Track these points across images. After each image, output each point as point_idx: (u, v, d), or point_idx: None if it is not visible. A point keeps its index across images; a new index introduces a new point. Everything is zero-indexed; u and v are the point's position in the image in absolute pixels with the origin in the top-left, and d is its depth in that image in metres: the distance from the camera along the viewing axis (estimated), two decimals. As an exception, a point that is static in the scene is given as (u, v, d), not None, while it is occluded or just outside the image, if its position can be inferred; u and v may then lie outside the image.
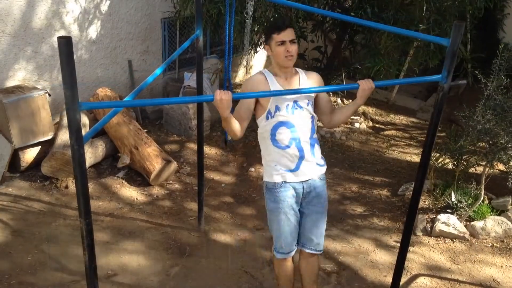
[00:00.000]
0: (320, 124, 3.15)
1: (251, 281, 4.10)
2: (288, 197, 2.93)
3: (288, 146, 2.85)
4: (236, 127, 2.69)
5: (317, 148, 2.96)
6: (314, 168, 2.93)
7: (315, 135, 2.95)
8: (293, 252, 3.20)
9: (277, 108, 2.83)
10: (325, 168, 3.03)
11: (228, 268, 4.26)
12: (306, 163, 2.89)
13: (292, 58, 2.81)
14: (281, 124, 2.83)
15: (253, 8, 4.18)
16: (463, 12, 6.03)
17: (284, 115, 2.83)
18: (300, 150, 2.86)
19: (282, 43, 2.77)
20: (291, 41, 2.79)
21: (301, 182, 2.92)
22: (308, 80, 2.96)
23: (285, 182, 2.90)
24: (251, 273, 4.19)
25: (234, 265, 4.30)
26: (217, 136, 6.73)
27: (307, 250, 3.19)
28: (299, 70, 3.02)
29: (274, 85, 2.86)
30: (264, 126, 2.87)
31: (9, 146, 5.27)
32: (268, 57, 8.94)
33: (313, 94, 2.94)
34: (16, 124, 5.21)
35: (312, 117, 2.92)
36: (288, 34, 2.78)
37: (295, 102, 2.85)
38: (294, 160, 2.87)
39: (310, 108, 2.92)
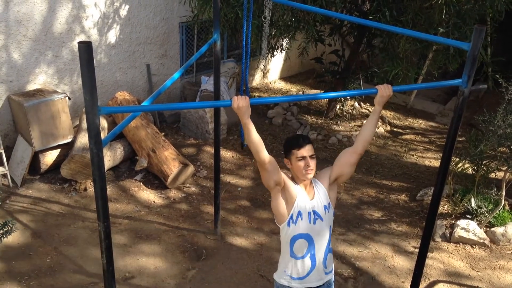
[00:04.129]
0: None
1: (267, 285, 4.09)
2: None
3: (303, 257, 2.89)
4: (257, 136, 2.64)
5: (329, 258, 2.99)
6: (321, 277, 2.98)
7: (330, 245, 2.99)
8: None
9: (299, 215, 2.83)
10: (332, 274, 3.07)
11: (244, 272, 4.26)
12: (315, 272, 2.93)
13: (312, 172, 2.83)
14: (301, 236, 2.85)
15: (270, 12, 4.18)
16: (483, 15, 5.93)
17: (305, 226, 2.82)
18: (313, 261, 2.90)
19: (303, 158, 2.80)
20: (311, 157, 2.82)
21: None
22: (320, 182, 2.95)
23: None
24: (267, 277, 4.18)
25: (251, 269, 4.30)
26: (234, 139, 6.75)
27: None
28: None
29: (298, 188, 2.87)
30: (285, 234, 2.90)
31: (29, 148, 5.35)
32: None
33: (327, 196, 2.91)
34: (37, 127, 5.29)
35: (330, 227, 2.93)
36: (307, 150, 2.81)
37: (315, 212, 2.86)
38: (305, 270, 2.91)
39: (329, 215, 2.90)
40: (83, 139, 5.35)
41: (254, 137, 2.60)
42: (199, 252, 4.51)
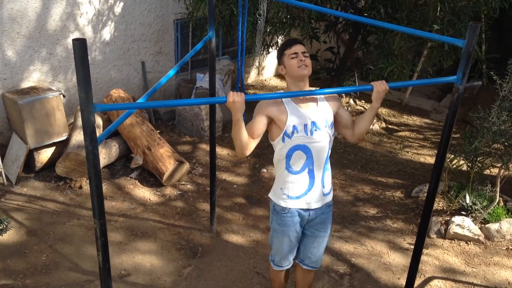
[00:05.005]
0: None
1: (263, 282, 4.10)
2: (294, 222, 2.91)
3: (299, 172, 2.79)
4: (245, 136, 2.61)
5: (327, 176, 2.88)
6: (320, 198, 2.88)
7: (328, 163, 2.89)
8: (289, 266, 3.22)
9: (295, 129, 2.73)
10: (331, 196, 2.98)
11: (240, 269, 4.27)
12: (313, 191, 2.84)
13: (307, 68, 2.71)
14: (298, 147, 2.73)
15: (265, 9, 4.17)
16: (477, 12, 5.96)
17: (302, 137, 2.72)
18: (312, 177, 2.80)
19: (295, 54, 2.73)
20: (303, 53, 2.75)
21: (308, 209, 2.89)
22: (327, 102, 2.87)
23: (291, 208, 2.87)
24: (263, 274, 4.19)
25: (246, 266, 4.31)
26: (229, 137, 6.74)
27: (304, 266, 3.23)
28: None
29: (290, 104, 2.77)
30: (280, 149, 2.79)
31: (24, 146, 5.33)
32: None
33: (331, 115, 2.85)
34: (31, 125, 5.27)
35: (330, 141, 2.83)
36: (299, 48, 2.75)
37: (313, 123, 2.75)
38: (303, 188, 2.82)
39: (329, 131, 2.81)
40: (78, 137, 5.33)
41: (244, 135, 2.59)
42: (195, 249, 4.51)
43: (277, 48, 2.89)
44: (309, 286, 3.43)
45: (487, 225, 4.81)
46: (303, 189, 2.82)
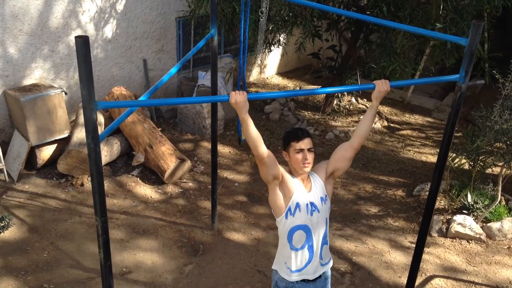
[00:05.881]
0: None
1: (264, 280, 4.10)
2: None
3: (300, 249, 2.92)
4: (255, 131, 2.62)
5: (325, 250, 3.02)
6: (318, 269, 3.00)
7: (327, 237, 3.02)
8: None
9: (297, 206, 2.84)
10: (329, 266, 3.09)
11: (241, 267, 4.27)
12: (312, 264, 2.97)
13: (309, 165, 2.85)
14: (299, 227, 2.87)
15: (268, 7, 4.17)
16: (480, 11, 5.94)
17: (303, 217, 2.84)
18: (311, 252, 2.93)
19: (301, 151, 2.81)
20: (309, 150, 2.83)
21: (309, 281, 2.99)
22: (317, 175, 2.97)
23: (292, 282, 2.97)
24: (264, 272, 4.19)
25: (248, 264, 4.31)
26: (231, 135, 6.74)
27: None
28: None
29: (295, 181, 2.88)
30: (283, 226, 2.91)
31: (26, 143, 5.33)
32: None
33: (324, 188, 2.94)
34: (33, 122, 5.28)
35: (326, 219, 2.97)
36: (306, 143, 2.82)
37: (312, 204, 2.88)
38: (303, 262, 2.95)
39: (326, 207, 2.94)
40: (80, 134, 5.33)
41: (253, 132, 2.59)
42: (196, 247, 4.51)
43: (284, 135, 2.90)
44: None
45: (488, 224, 4.81)
46: (303, 264, 2.95)
